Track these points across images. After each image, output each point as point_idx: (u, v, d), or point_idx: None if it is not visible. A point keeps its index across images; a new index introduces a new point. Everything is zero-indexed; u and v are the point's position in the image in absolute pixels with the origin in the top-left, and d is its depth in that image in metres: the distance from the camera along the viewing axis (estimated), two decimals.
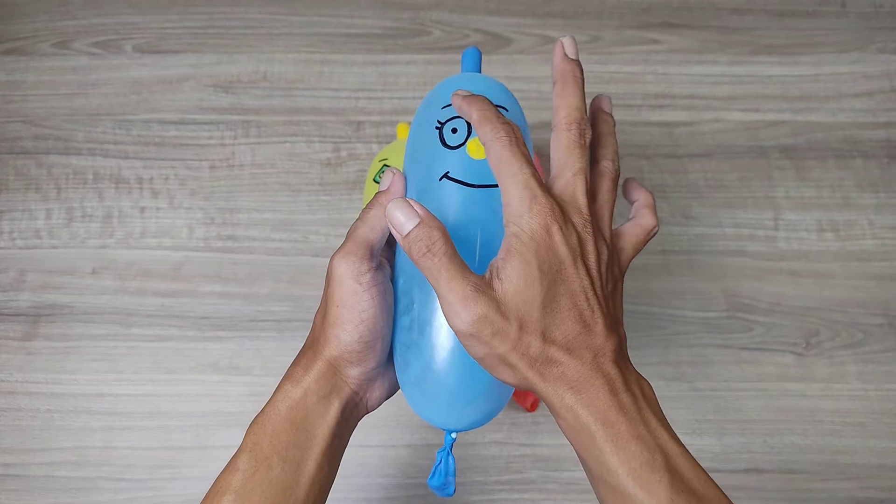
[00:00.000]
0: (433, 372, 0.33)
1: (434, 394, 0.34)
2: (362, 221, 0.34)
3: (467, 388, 0.33)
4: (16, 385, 0.59)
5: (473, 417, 0.34)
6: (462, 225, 0.33)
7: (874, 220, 0.64)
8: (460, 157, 0.34)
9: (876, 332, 0.60)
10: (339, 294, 0.33)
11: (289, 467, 0.32)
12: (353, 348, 0.33)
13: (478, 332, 0.29)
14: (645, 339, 0.60)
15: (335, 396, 0.34)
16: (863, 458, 0.57)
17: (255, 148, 0.66)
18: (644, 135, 0.66)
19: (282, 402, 0.33)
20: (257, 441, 0.33)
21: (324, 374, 0.34)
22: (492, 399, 0.34)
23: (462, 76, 0.38)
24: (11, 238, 0.64)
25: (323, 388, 0.34)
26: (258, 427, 0.33)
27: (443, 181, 0.34)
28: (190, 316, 0.61)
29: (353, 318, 0.33)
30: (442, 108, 0.35)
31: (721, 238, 0.63)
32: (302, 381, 0.34)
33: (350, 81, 0.68)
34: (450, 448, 0.35)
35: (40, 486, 0.56)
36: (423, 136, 0.35)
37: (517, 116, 0.36)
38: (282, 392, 0.34)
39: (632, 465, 0.28)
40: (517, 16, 0.71)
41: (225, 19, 0.71)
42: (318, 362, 0.34)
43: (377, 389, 0.37)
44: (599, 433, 0.29)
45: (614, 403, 0.29)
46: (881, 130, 0.67)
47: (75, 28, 0.71)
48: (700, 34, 0.70)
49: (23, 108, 0.68)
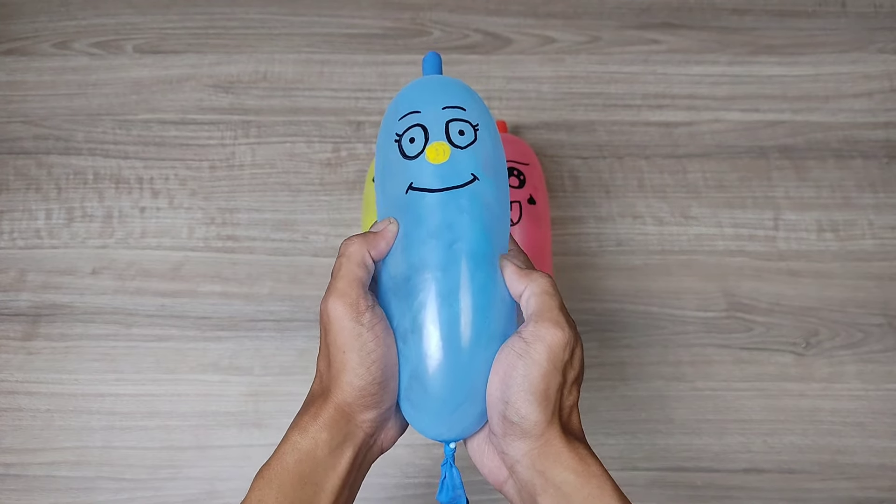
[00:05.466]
0: (418, 378, 0.33)
1: (421, 403, 0.33)
2: (346, 259, 0.33)
3: (452, 391, 0.33)
4: (16, 385, 0.59)
5: (464, 423, 0.34)
6: (434, 230, 0.33)
7: (874, 220, 0.64)
8: (421, 166, 0.34)
9: (875, 332, 0.60)
10: (343, 339, 0.32)
11: None
12: (368, 391, 0.32)
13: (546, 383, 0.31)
14: (644, 339, 0.60)
15: (348, 445, 0.32)
16: (862, 457, 0.57)
17: (255, 148, 0.66)
18: (644, 135, 0.67)
19: (289, 455, 0.32)
20: (262, 498, 0.31)
21: (336, 421, 0.32)
22: (479, 401, 0.33)
23: (422, 80, 0.38)
24: (12, 238, 0.64)
25: (335, 438, 0.32)
26: (264, 482, 0.31)
27: (409, 193, 0.34)
28: (190, 316, 0.61)
29: (363, 360, 0.32)
30: (399, 119, 0.36)
31: (721, 238, 0.63)
32: (310, 430, 0.32)
33: (350, 81, 0.68)
34: (451, 460, 0.35)
35: (40, 485, 0.56)
36: (386, 150, 0.36)
37: (478, 113, 0.36)
38: (289, 443, 0.32)
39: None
40: (517, 16, 0.71)
41: (225, 19, 0.71)
42: (327, 409, 0.32)
43: (392, 429, 0.35)
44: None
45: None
46: (881, 130, 0.67)
47: (76, 28, 0.71)
48: (700, 34, 0.70)
49: (23, 109, 0.68)
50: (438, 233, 0.33)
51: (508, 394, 0.31)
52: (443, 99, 0.36)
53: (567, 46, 0.70)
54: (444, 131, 0.35)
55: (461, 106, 0.36)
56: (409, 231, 0.34)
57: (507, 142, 0.56)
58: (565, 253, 0.63)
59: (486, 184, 0.34)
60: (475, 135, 0.35)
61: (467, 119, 0.35)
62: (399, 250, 0.34)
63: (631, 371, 0.59)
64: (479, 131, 0.35)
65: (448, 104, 0.35)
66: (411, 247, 0.34)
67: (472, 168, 0.34)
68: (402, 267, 0.34)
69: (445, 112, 0.35)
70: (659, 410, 0.58)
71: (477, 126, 0.35)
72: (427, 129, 0.35)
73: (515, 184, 0.54)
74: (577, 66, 0.69)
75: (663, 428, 0.58)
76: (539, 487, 0.31)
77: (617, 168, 0.65)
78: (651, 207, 0.64)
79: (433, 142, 0.34)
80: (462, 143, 0.35)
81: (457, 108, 0.35)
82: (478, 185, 0.34)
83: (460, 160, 0.34)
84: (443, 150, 0.34)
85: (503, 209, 0.35)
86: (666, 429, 0.58)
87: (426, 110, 0.35)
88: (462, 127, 0.35)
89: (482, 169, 0.34)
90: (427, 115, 0.35)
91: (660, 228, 0.63)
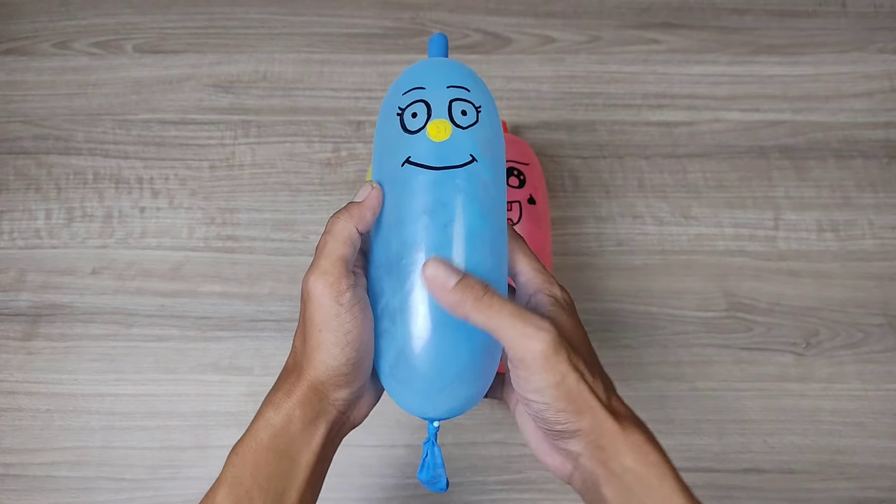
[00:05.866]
0: (405, 357, 0.33)
1: (408, 380, 0.33)
2: (331, 236, 0.32)
3: (439, 372, 0.33)
4: (16, 385, 0.59)
5: (450, 404, 0.34)
6: (428, 207, 0.33)
7: (874, 220, 0.64)
8: (421, 141, 0.34)
9: (876, 332, 0.60)
10: (320, 317, 0.32)
11: (271, 499, 0.31)
12: (341, 371, 0.32)
13: (557, 352, 0.30)
14: (645, 339, 0.60)
15: (321, 421, 0.33)
16: (862, 457, 0.57)
17: (255, 148, 0.66)
18: (644, 135, 0.67)
19: (264, 431, 0.32)
20: (237, 474, 0.31)
21: (309, 398, 0.32)
22: (467, 384, 0.33)
23: (427, 61, 0.38)
24: (11, 238, 0.64)
25: (308, 414, 0.32)
26: (238, 459, 0.32)
27: (405, 166, 0.34)
28: (190, 316, 0.61)
29: (339, 340, 0.32)
30: (402, 94, 0.36)
31: (721, 238, 0.63)
32: (284, 407, 0.32)
33: (350, 81, 0.68)
34: (433, 438, 0.35)
35: (40, 485, 0.56)
36: (387, 124, 0.36)
37: (481, 96, 0.36)
38: (263, 419, 0.32)
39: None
40: (517, 16, 0.71)
41: (225, 19, 0.71)
42: (301, 387, 0.32)
43: (364, 406, 0.36)
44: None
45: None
46: (881, 130, 0.67)
47: (76, 28, 0.71)
48: (700, 34, 0.70)
49: (23, 108, 0.68)
50: (433, 211, 0.33)
51: (540, 413, 0.31)
52: (448, 78, 0.36)
53: (567, 46, 0.70)
54: (447, 110, 0.35)
55: (465, 87, 0.36)
56: (402, 205, 0.34)
57: (508, 142, 0.56)
58: (565, 253, 0.63)
59: (484, 166, 0.34)
60: (477, 117, 0.35)
61: (471, 100, 0.35)
62: (392, 224, 0.34)
63: (631, 371, 0.59)
64: (482, 114, 0.35)
65: (453, 84, 0.36)
66: (404, 223, 0.34)
67: (472, 149, 0.34)
68: (395, 244, 0.34)
69: (450, 91, 0.35)
70: (659, 410, 0.58)
71: (479, 108, 0.35)
72: (430, 105, 0.35)
73: (515, 184, 0.54)
74: (577, 66, 0.69)
75: (663, 428, 0.58)
76: (602, 478, 0.31)
77: (617, 168, 0.65)
78: (651, 207, 0.64)
79: (435, 119, 0.34)
80: (464, 124, 0.35)
81: (461, 89, 0.35)
82: (475, 167, 0.34)
83: (460, 140, 0.34)
84: (444, 127, 0.34)
85: (500, 192, 0.35)
86: (666, 429, 0.58)
87: (431, 87, 0.35)
88: (465, 107, 0.35)
89: (481, 151, 0.34)
90: (431, 92, 0.35)
91: (660, 228, 0.63)
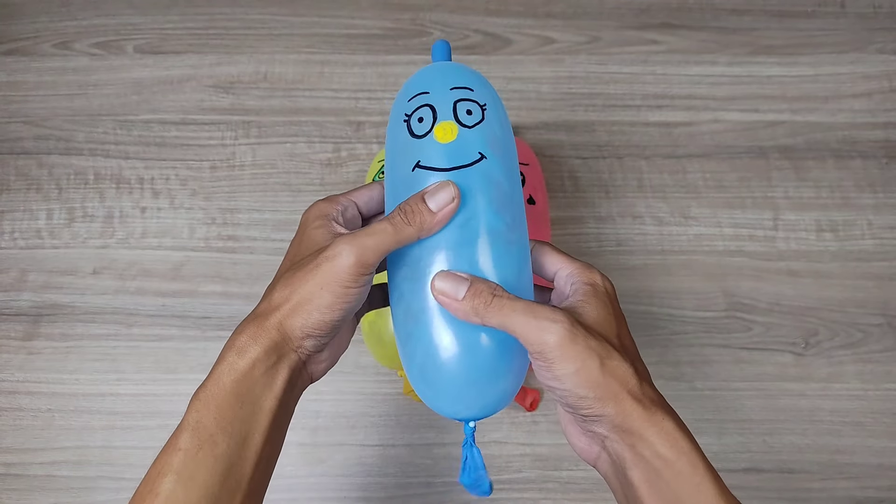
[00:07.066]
0: (432, 358, 0.33)
1: (437, 381, 0.33)
2: (394, 230, 0.32)
3: (467, 371, 0.33)
4: (17, 385, 0.59)
5: (483, 402, 0.34)
6: None
7: (873, 220, 0.64)
8: (429, 145, 0.34)
9: (875, 332, 0.60)
10: (330, 280, 0.32)
11: (234, 443, 0.31)
12: (323, 327, 0.32)
13: (574, 340, 0.30)
14: (644, 338, 0.60)
15: (283, 365, 0.33)
16: (861, 457, 0.57)
17: (255, 148, 0.66)
18: (643, 135, 0.67)
19: (226, 375, 0.31)
20: (200, 419, 0.31)
21: (275, 342, 0.32)
22: (497, 381, 0.33)
23: (429, 66, 0.38)
24: (13, 238, 0.64)
25: (271, 358, 0.32)
26: (201, 404, 0.31)
27: (416, 171, 0.34)
28: (191, 316, 0.61)
29: (337, 305, 0.32)
30: (408, 100, 0.36)
31: (720, 238, 0.63)
32: (248, 352, 0.32)
33: (350, 82, 0.69)
34: (471, 439, 0.35)
35: (41, 485, 0.57)
36: (396, 132, 0.36)
37: (486, 94, 0.36)
38: (226, 363, 0.32)
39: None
40: (517, 16, 0.71)
41: (226, 20, 0.71)
42: (268, 331, 0.32)
43: (323, 361, 0.36)
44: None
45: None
46: (880, 131, 0.67)
47: (76, 29, 0.71)
48: (699, 35, 0.71)
49: (24, 109, 0.68)
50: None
51: (563, 398, 0.32)
52: (451, 80, 0.36)
53: (567, 47, 0.70)
54: (451, 111, 0.35)
55: (469, 87, 0.36)
56: None
57: None
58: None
59: (494, 162, 0.34)
60: (483, 115, 0.35)
61: (475, 99, 0.36)
62: None
63: None
64: (487, 111, 0.36)
65: (456, 85, 0.36)
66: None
67: (480, 147, 0.34)
68: (412, 247, 0.34)
69: (454, 92, 0.36)
70: None
71: (485, 106, 0.36)
72: (435, 108, 0.35)
73: None
74: (577, 67, 0.69)
75: None
76: (629, 461, 0.31)
77: (617, 168, 0.65)
78: (651, 207, 0.64)
79: (441, 121, 0.34)
80: (470, 123, 0.35)
81: (464, 89, 0.36)
82: (485, 164, 0.34)
83: (468, 139, 0.34)
84: (450, 129, 0.34)
85: (513, 187, 0.35)
86: None
87: (435, 91, 0.36)
88: (470, 107, 0.35)
89: (490, 148, 0.35)
90: (435, 95, 0.36)
91: (659, 228, 0.63)
